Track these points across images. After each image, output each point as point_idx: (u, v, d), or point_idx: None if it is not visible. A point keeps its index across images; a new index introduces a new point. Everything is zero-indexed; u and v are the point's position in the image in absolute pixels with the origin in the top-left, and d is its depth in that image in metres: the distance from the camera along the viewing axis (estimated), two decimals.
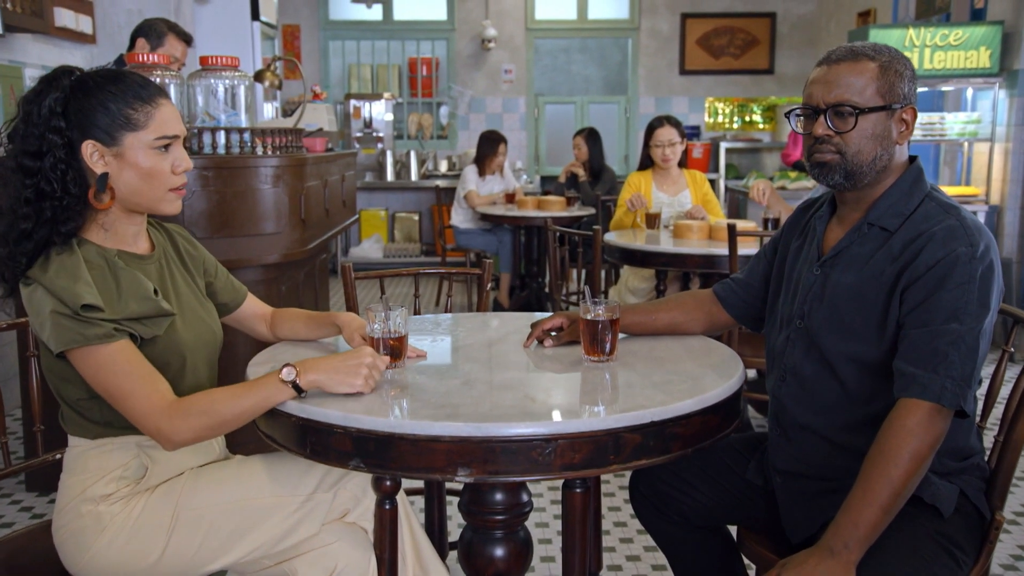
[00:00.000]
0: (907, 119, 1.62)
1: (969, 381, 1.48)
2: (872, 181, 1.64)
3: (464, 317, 2.22)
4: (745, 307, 1.93)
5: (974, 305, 1.48)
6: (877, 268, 1.60)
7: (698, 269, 3.66)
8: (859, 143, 1.60)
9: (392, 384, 1.62)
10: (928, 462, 1.47)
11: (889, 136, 1.61)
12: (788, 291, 1.77)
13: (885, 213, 1.63)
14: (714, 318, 1.96)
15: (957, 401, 1.46)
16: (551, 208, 5.86)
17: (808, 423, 1.67)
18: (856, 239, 1.65)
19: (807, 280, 1.71)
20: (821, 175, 1.66)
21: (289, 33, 8.52)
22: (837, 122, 1.61)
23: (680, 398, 1.48)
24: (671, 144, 4.34)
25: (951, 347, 1.46)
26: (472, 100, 8.78)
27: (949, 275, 1.49)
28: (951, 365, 1.46)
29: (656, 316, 1.93)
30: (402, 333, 1.70)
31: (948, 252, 1.51)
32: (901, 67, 1.61)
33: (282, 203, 3.22)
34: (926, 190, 1.63)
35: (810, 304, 1.69)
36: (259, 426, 1.58)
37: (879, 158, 1.61)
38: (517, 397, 1.50)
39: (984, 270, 1.50)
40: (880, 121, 1.60)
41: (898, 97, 1.60)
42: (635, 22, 8.78)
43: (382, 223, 8.44)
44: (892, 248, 1.59)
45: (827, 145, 1.63)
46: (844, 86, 1.60)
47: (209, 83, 3.08)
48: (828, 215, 1.76)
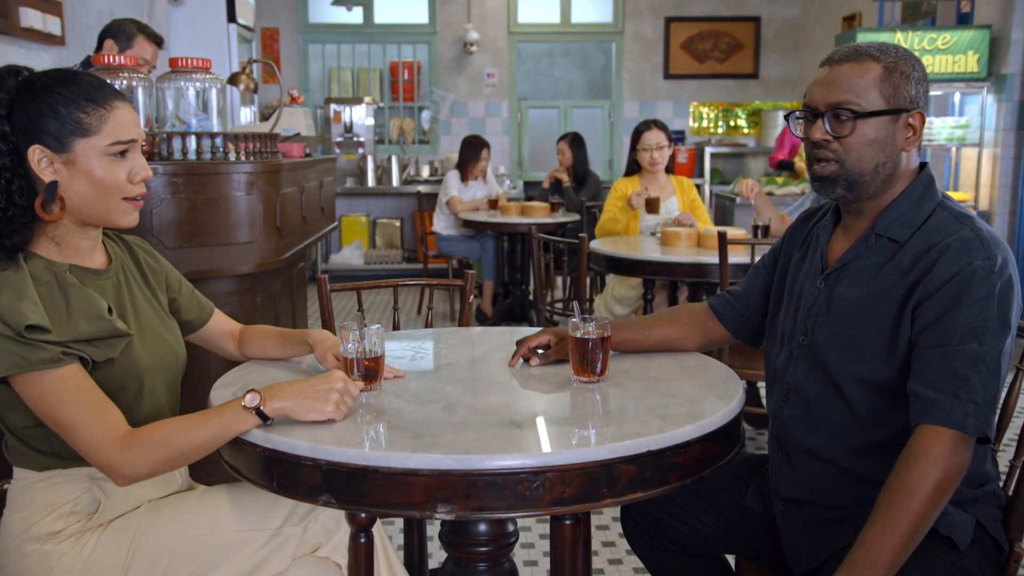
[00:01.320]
0: (915, 124, 1.52)
1: (992, 406, 1.38)
2: (877, 191, 1.54)
3: (446, 332, 2.10)
4: (743, 322, 1.82)
5: (993, 323, 1.38)
6: (886, 282, 1.49)
7: (687, 278, 3.55)
8: (859, 149, 1.50)
9: (367, 408, 1.50)
10: (950, 494, 1.37)
11: (893, 142, 1.51)
12: (790, 305, 1.67)
13: (894, 223, 1.52)
14: (710, 333, 1.85)
15: (982, 428, 1.36)
16: (535, 214, 5.75)
17: (813, 447, 1.57)
18: (863, 251, 1.55)
19: (810, 294, 1.60)
20: (823, 189, 1.57)
21: (268, 36, 8.38)
22: (836, 126, 1.51)
23: (678, 424, 1.37)
24: (659, 148, 4.24)
25: (971, 369, 1.36)
26: (454, 104, 8.67)
27: (966, 290, 1.39)
28: (973, 390, 1.35)
29: (649, 332, 1.82)
30: (378, 353, 1.58)
31: (964, 265, 1.40)
32: (908, 68, 1.51)
33: (256, 211, 3.09)
34: (937, 199, 1.53)
35: (814, 320, 1.58)
36: (223, 455, 1.46)
37: (882, 166, 1.51)
38: (502, 424, 1.38)
39: (1003, 285, 1.40)
40: (883, 126, 1.50)
41: (904, 101, 1.50)
42: (619, 26, 8.70)
43: (363, 229, 8.30)
44: (902, 261, 1.48)
45: (825, 151, 1.53)
46: (844, 88, 1.50)
47: (179, 86, 2.95)
48: (832, 225, 1.65)
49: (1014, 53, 5.34)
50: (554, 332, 1.78)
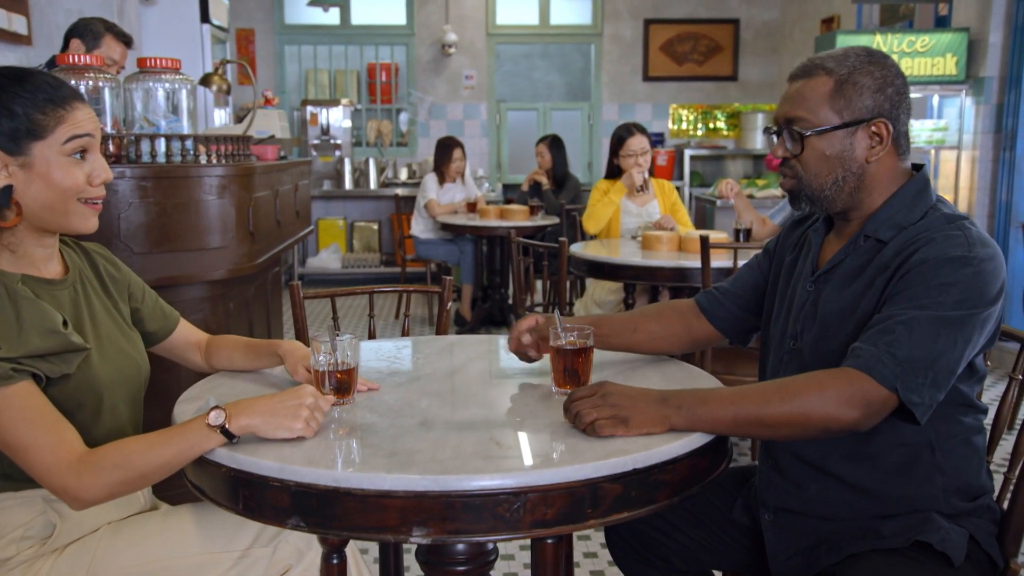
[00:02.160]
0: (880, 133, 1.46)
1: (915, 367, 1.30)
2: (849, 203, 1.51)
3: (423, 341, 2.04)
4: (731, 319, 1.77)
5: (948, 303, 1.33)
6: (867, 281, 1.46)
7: (668, 283, 3.50)
8: (815, 166, 1.48)
9: (339, 424, 1.43)
10: (820, 435, 1.34)
11: (852, 156, 1.47)
12: (782, 308, 1.62)
13: (883, 225, 1.49)
14: (695, 332, 1.79)
15: (892, 381, 1.29)
16: (514, 217, 5.70)
17: (804, 454, 1.52)
18: (851, 252, 1.51)
19: (800, 297, 1.57)
20: (792, 202, 1.57)
21: (243, 37, 8.27)
22: (791, 143, 1.50)
23: (665, 439, 1.31)
24: (643, 153, 4.20)
25: (901, 325, 1.32)
26: (432, 106, 8.60)
27: (933, 273, 1.35)
28: (896, 343, 1.31)
29: (634, 329, 1.77)
30: (351, 365, 1.51)
31: (940, 254, 1.37)
32: (865, 79, 1.46)
33: (228, 215, 3.01)
34: (931, 202, 1.49)
35: (802, 323, 1.54)
36: (187, 475, 1.39)
37: (842, 180, 1.48)
38: (481, 441, 1.32)
39: (978, 279, 1.35)
40: (837, 141, 1.47)
41: (860, 112, 1.46)
42: (598, 28, 8.66)
43: (340, 232, 8.21)
44: (884, 257, 1.45)
45: (786, 168, 1.53)
46: (796, 104, 1.49)
47: (148, 87, 2.87)
48: (824, 228, 1.61)
49: (992, 56, 5.35)
50: (534, 315, 1.74)
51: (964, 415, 1.46)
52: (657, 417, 1.34)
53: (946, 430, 1.44)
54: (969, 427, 1.47)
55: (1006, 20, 5.30)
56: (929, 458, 1.44)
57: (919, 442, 1.43)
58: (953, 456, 1.45)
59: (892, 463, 1.45)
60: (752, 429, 1.35)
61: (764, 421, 1.33)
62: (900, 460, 1.44)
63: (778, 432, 1.35)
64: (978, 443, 1.49)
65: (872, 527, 1.45)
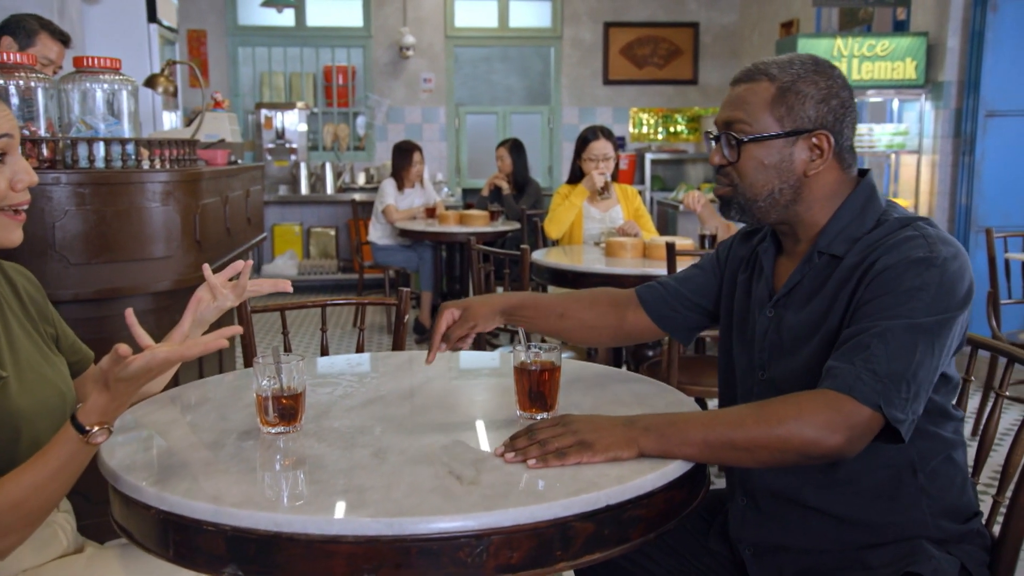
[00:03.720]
0: (820, 146, 1.39)
1: (897, 382, 1.22)
2: (782, 217, 1.43)
3: (379, 358, 1.92)
4: (677, 318, 1.68)
5: (921, 309, 1.25)
6: (829, 298, 1.38)
7: None
8: (751, 174, 1.41)
9: (284, 455, 1.31)
10: (800, 461, 1.24)
11: (791, 167, 1.40)
12: (743, 338, 1.53)
13: (835, 239, 1.41)
14: (628, 325, 1.70)
15: (874, 399, 1.21)
16: (474, 223, 5.58)
17: (781, 489, 1.42)
18: (807, 272, 1.43)
19: (761, 324, 1.48)
20: (723, 210, 1.49)
21: (194, 39, 8.06)
22: (728, 151, 1.42)
23: (639, 471, 1.21)
24: (605, 159, 4.11)
25: (875, 338, 1.24)
26: (390, 110, 8.45)
27: (899, 279, 1.28)
28: (872, 358, 1.23)
29: (562, 314, 1.68)
30: (298, 390, 1.39)
31: (901, 258, 1.29)
32: (809, 88, 1.38)
33: (173, 223, 2.86)
34: (881, 208, 1.42)
35: (768, 352, 1.45)
36: (113, 516, 1.26)
37: (778, 192, 1.41)
38: (439, 475, 1.21)
39: (945, 279, 1.28)
40: (776, 150, 1.39)
41: (801, 122, 1.38)
42: (557, 31, 8.58)
43: (296, 239, 8.03)
44: (842, 272, 1.37)
45: (722, 175, 1.45)
46: (736, 109, 1.42)
47: (86, 87, 2.70)
48: (774, 248, 1.53)
49: (950, 61, 5.35)
50: (453, 305, 1.66)
51: (942, 427, 1.39)
52: (624, 439, 1.25)
53: (927, 447, 1.36)
54: (950, 442, 1.39)
55: (963, 25, 5.32)
56: (912, 480, 1.36)
57: (900, 464, 1.35)
58: (937, 476, 1.37)
59: (873, 488, 1.36)
60: (725, 453, 1.26)
61: (738, 444, 1.24)
62: (882, 484, 1.36)
63: (754, 457, 1.25)
64: (960, 459, 1.41)
65: (859, 558, 1.36)
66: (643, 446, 1.24)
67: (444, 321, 1.64)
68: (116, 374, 1.17)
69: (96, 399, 1.20)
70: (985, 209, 5.27)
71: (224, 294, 1.57)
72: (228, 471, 1.23)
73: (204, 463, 1.26)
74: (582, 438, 1.24)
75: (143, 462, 1.28)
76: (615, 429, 1.26)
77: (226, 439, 1.36)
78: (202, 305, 1.55)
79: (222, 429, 1.41)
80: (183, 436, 1.43)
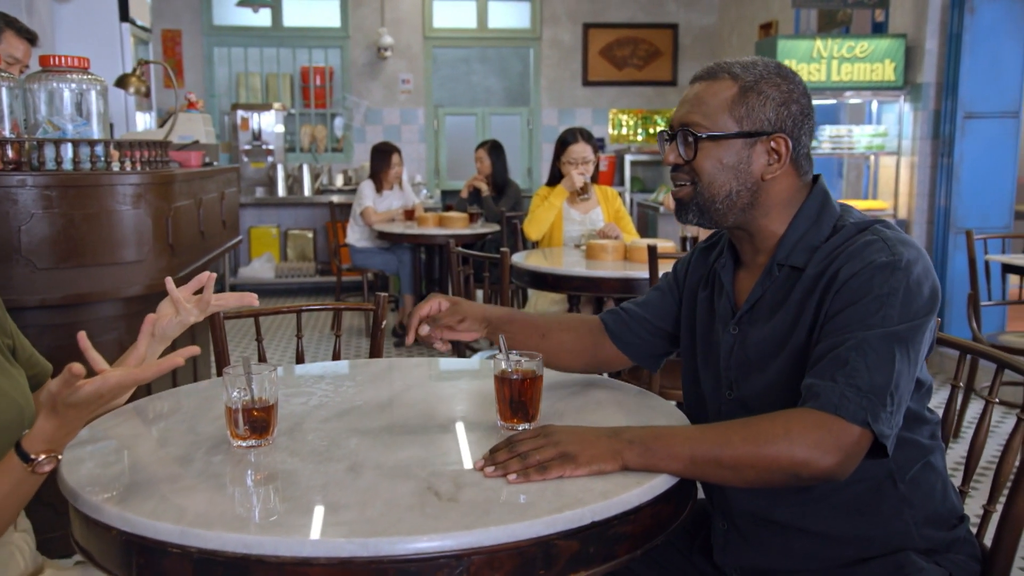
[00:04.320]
0: (778, 150, 1.36)
1: (881, 396, 1.19)
2: (740, 221, 1.39)
3: (356, 366, 1.86)
4: (641, 344, 1.64)
5: (893, 315, 1.22)
6: (794, 310, 1.34)
7: (614, 294, 3.38)
8: (710, 173, 1.37)
9: (256, 470, 1.26)
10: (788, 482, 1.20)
11: (748, 170, 1.37)
12: (708, 358, 1.49)
13: (794, 250, 1.37)
14: (600, 352, 1.66)
15: (861, 415, 1.18)
16: (453, 225, 5.53)
17: (761, 511, 1.38)
18: (769, 286, 1.39)
19: (726, 343, 1.43)
20: (679, 212, 1.45)
21: (169, 39, 7.95)
22: (685, 148, 1.39)
23: (625, 486, 1.16)
24: (585, 162, 4.07)
25: (853, 351, 1.21)
26: (368, 111, 8.38)
27: (866, 286, 1.25)
28: (854, 372, 1.19)
29: (544, 335, 1.63)
30: (270, 402, 1.34)
31: (865, 264, 1.26)
32: (770, 89, 1.35)
33: (144, 226, 2.79)
34: (836, 214, 1.38)
35: (735, 371, 1.41)
36: (74, 536, 1.20)
37: (736, 194, 1.37)
38: (417, 491, 1.16)
39: (911, 282, 1.25)
40: (734, 150, 1.36)
41: (761, 123, 1.35)
42: (536, 32, 8.55)
43: (274, 241, 7.94)
44: (805, 283, 1.34)
45: (680, 175, 1.41)
46: (695, 106, 1.38)
47: (52, 87, 2.63)
48: (732, 263, 1.49)
49: (928, 63, 5.36)
50: (443, 296, 1.61)
51: (918, 432, 1.35)
52: (608, 452, 1.20)
53: (904, 455, 1.32)
54: (927, 447, 1.36)
55: (941, 27, 5.33)
56: (892, 491, 1.33)
57: (879, 475, 1.32)
58: (918, 484, 1.34)
59: (851, 502, 1.33)
60: (711, 470, 1.21)
61: (724, 462, 1.20)
62: (860, 497, 1.33)
63: (740, 475, 1.21)
64: (938, 463, 1.38)
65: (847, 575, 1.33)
66: (627, 459, 1.20)
67: (430, 306, 1.59)
68: (65, 398, 1.11)
69: (43, 424, 1.14)
70: (964, 211, 5.28)
71: (188, 308, 1.51)
72: (195, 488, 1.18)
73: (170, 480, 1.21)
74: (564, 450, 1.20)
75: (106, 479, 1.22)
76: (599, 441, 1.21)
77: (195, 453, 1.31)
78: (163, 320, 1.49)
79: (191, 442, 1.36)
80: (149, 450, 1.37)
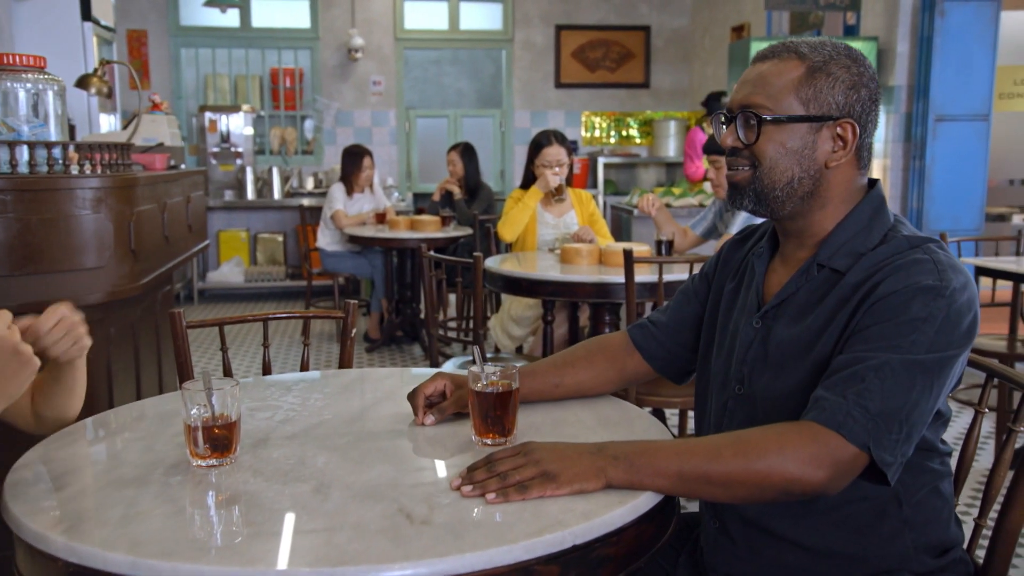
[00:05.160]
0: (844, 136, 1.29)
1: (889, 422, 1.13)
2: (796, 210, 1.32)
3: (325, 377, 1.79)
4: (669, 357, 1.57)
5: (924, 343, 1.16)
6: (826, 316, 1.27)
7: (589, 298, 3.32)
8: (772, 158, 1.29)
9: (217, 491, 1.19)
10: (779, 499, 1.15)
11: (812, 156, 1.29)
12: (722, 346, 1.43)
13: (838, 252, 1.30)
14: (627, 372, 1.59)
15: (863, 438, 1.12)
16: (425, 228, 5.46)
17: (755, 517, 1.33)
18: (803, 284, 1.33)
19: (745, 335, 1.37)
20: (733, 198, 1.37)
21: (135, 39, 7.80)
22: (746, 131, 1.31)
23: (608, 505, 1.11)
24: (559, 164, 4.01)
25: (872, 372, 1.15)
26: (339, 113, 8.28)
27: (904, 307, 1.17)
28: (867, 393, 1.13)
29: (560, 381, 1.54)
30: (231, 419, 1.27)
31: (910, 283, 1.19)
32: (839, 71, 1.28)
33: (105, 231, 2.70)
34: (889, 223, 1.32)
35: (750, 366, 1.35)
36: (16, 567, 1.12)
37: (797, 182, 1.30)
38: (387, 513, 1.09)
39: (952, 312, 1.18)
40: (799, 135, 1.29)
41: (828, 107, 1.28)
42: (508, 33, 8.49)
43: (243, 245, 7.82)
44: (844, 290, 1.27)
45: (739, 159, 1.33)
46: (757, 88, 1.30)
47: (7, 87, 2.53)
48: (769, 253, 1.42)
49: (900, 65, 5.38)
50: (449, 378, 1.50)
51: (930, 460, 1.30)
52: (591, 470, 1.14)
53: (913, 479, 1.27)
54: (937, 473, 1.31)
55: (912, 30, 5.35)
56: (896, 512, 1.27)
57: (884, 495, 1.26)
58: (923, 508, 1.29)
59: (854, 520, 1.27)
60: (700, 487, 1.16)
61: (713, 478, 1.14)
62: (863, 516, 1.27)
63: (730, 492, 1.15)
64: (946, 490, 1.33)
65: None
66: (611, 477, 1.14)
67: (435, 386, 1.47)
68: None
69: None
70: (936, 213, 5.30)
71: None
72: (151, 514, 1.10)
73: (124, 504, 1.13)
74: (545, 469, 1.14)
75: (53, 505, 1.14)
76: (581, 459, 1.15)
77: (151, 474, 1.23)
78: None
79: (148, 463, 1.28)
80: (102, 472, 1.29)
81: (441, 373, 1.51)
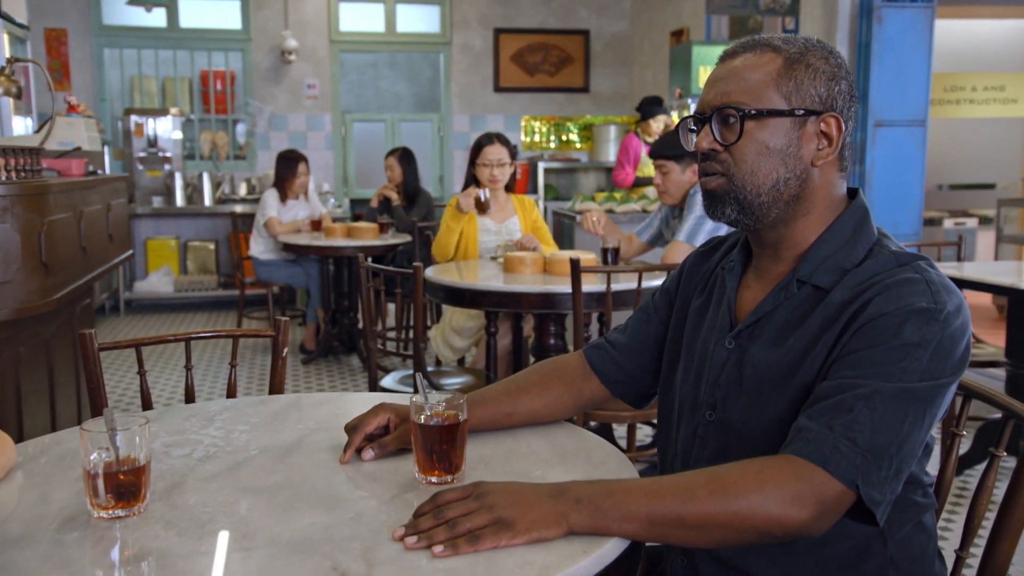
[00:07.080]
0: (828, 132, 1.19)
1: (879, 457, 1.03)
2: (783, 216, 1.21)
3: (252, 406, 1.63)
4: (630, 381, 1.45)
5: (916, 370, 1.06)
6: (809, 338, 1.16)
7: (535, 309, 3.20)
8: (753, 159, 1.18)
9: (121, 549, 1.03)
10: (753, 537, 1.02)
11: (797, 153, 1.19)
12: (689, 368, 1.32)
13: (820, 267, 1.20)
14: (584, 397, 1.46)
15: (851, 475, 1.02)
16: (363, 236, 5.29)
17: (729, 557, 1.22)
18: (782, 302, 1.22)
19: (717, 356, 1.26)
20: (711, 208, 1.25)
21: (53, 38, 7.46)
22: (724, 131, 1.19)
23: (571, 556, 0.98)
24: (500, 164, 3.89)
25: (861, 401, 1.04)
26: (272, 117, 8.04)
27: (896, 331, 1.07)
28: (855, 424, 1.03)
29: (513, 410, 1.41)
30: (139, 463, 1.11)
31: (903, 305, 1.09)
32: (818, 62, 1.19)
33: (12, 243, 2.50)
34: (874, 237, 1.22)
35: (724, 390, 1.24)
36: None
37: (783, 183, 1.19)
38: (320, 570, 0.95)
39: (946, 337, 1.08)
40: (782, 131, 1.18)
41: (811, 100, 1.18)
42: (446, 36, 8.36)
43: (172, 253, 7.53)
44: (829, 310, 1.16)
45: (713, 163, 1.21)
46: (733, 84, 1.19)
47: None
48: (741, 266, 1.32)
49: None
50: (393, 410, 1.36)
51: (914, 492, 1.21)
52: (551, 516, 1.02)
53: (898, 516, 1.18)
54: (921, 506, 1.22)
55: (850, 36, 5.36)
56: (881, 550, 1.17)
57: (868, 533, 1.16)
58: (908, 545, 1.19)
59: (835, 559, 1.17)
60: (672, 531, 1.04)
61: (688, 521, 1.02)
62: (846, 555, 1.17)
63: (706, 535, 1.03)
64: (929, 523, 1.24)
65: None
66: (574, 523, 1.02)
67: (377, 421, 1.33)
68: None
69: None
70: (876, 219, 5.28)
71: None
72: None
73: (4, 570, 0.97)
74: (499, 515, 1.01)
75: None
76: (540, 503, 1.03)
77: (42, 530, 1.07)
78: None
79: (39, 514, 1.11)
80: None
81: (384, 404, 1.37)
